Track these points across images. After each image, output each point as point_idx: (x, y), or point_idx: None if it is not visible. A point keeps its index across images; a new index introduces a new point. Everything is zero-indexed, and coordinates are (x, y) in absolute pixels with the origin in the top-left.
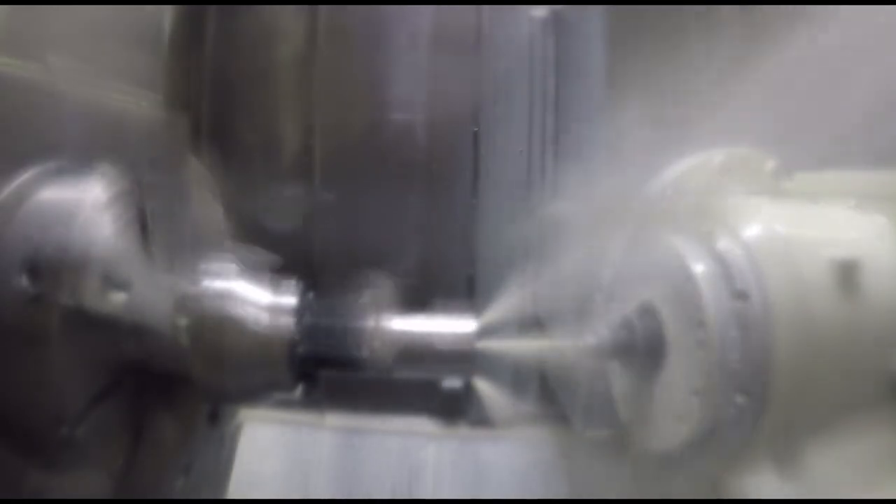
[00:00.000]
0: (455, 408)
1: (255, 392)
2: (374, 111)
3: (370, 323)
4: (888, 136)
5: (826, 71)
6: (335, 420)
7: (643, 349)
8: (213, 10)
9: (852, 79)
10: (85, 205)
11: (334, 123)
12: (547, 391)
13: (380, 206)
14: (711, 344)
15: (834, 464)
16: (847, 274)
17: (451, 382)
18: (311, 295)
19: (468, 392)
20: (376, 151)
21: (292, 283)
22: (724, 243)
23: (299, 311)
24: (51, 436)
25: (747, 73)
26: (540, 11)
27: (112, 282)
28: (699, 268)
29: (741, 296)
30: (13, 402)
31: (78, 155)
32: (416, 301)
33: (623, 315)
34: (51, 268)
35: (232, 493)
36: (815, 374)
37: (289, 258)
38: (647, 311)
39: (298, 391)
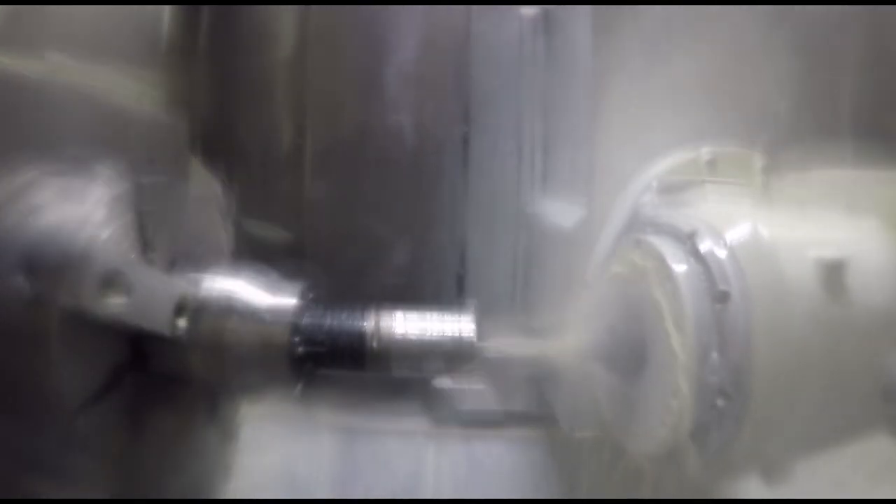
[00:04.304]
0: (446, 407)
1: (255, 391)
2: (365, 111)
3: (370, 323)
4: None
5: None
6: (333, 419)
7: (625, 350)
8: (207, 10)
9: None
10: (85, 205)
11: (325, 123)
12: (539, 391)
13: (371, 206)
14: (691, 346)
15: (821, 467)
16: (833, 274)
17: (442, 381)
18: (311, 295)
19: (460, 391)
20: (367, 151)
21: (292, 284)
22: (707, 244)
23: (299, 312)
24: (49, 436)
25: None
26: (530, 10)
27: (112, 282)
28: (681, 269)
29: (722, 297)
30: (11, 401)
31: (78, 155)
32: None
33: (605, 315)
34: (50, 268)
35: (232, 493)
36: (798, 376)
37: (281, 256)
38: (630, 312)
39: (298, 390)
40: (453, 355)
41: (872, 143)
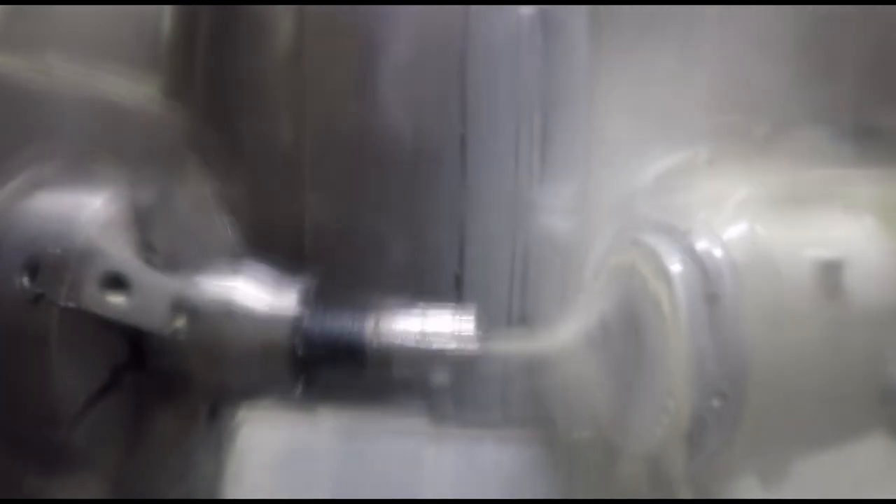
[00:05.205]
0: (443, 406)
1: (255, 391)
2: (362, 110)
3: (370, 323)
4: None
5: None
6: (332, 419)
7: (621, 350)
8: (206, 10)
9: None
10: (85, 205)
11: (323, 123)
12: (534, 391)
13: (369, 206)
14: (686, 345)
15: (818, 469)
16: (829, 274)
17: (439, 381)
18: (311, 294)
19: (456, 391)
20: (365, 151)
21: (292, 283)
22: (703, 243)
23: (299, 311)
24: (49, 436)
25: None
26: (527, 10)
27: (112, 282)
28: (675, 268)
29: (716, 297)
30: (11, 402)
31: (78, 155)
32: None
33: (602, 314)
34: (50, 268)
35: (230, 493)
36: (795, 376)
37: (278, 256)
38: (626, 311)
39: (298, 390)
40: (454, 354)
41: (872, 142)
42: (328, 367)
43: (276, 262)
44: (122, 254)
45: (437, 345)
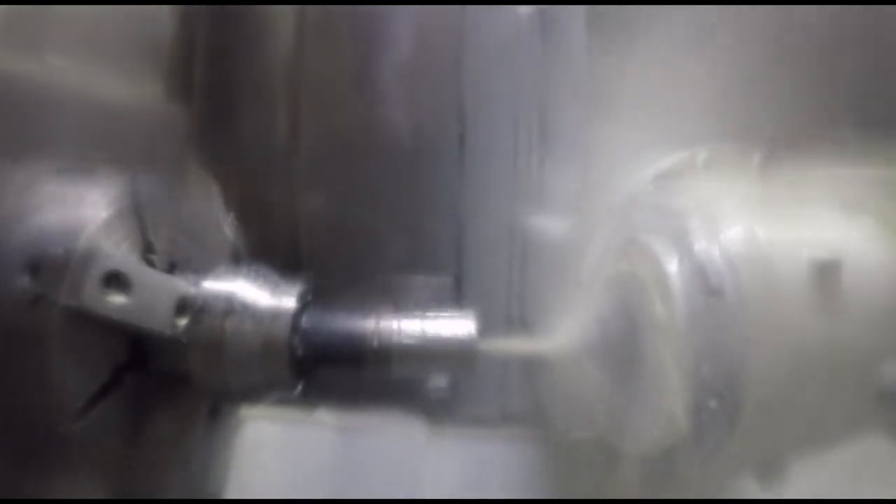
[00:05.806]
0: (441, 407)
1: (256, 391)
2: (361, 110)
3: (370, 322)
4: None
5: None
6: (332, 418)
7: (618, 350)
8: (206, 10)
9: None
10: (86, 205)
11: (321, 122)
12: (532, 391)
13: (366, 205)
14: (683, 346)
15: (816, 469)
16: (827, 275)
17: (437, 382)
18: (310, 295)
19: (454, 391)
20: (363, 150)
21: (292, 283)
22: (701, 244)
23: (299, 311)
24: (49, 435)
25: None
26: (526, 10)
27: (112, 282)
28: (673, 267)
29: (713, 297)
30: (11, 401)
31: (79, 155)
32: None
33: (600, 315)
34: (52, 268)
35: (231, 493)
36: (792, 377)
37: (277, 255)
38: (623, 312)
39: (298, 390)
40: (454, 355)
41: (873, 141)
42: (328, 367)
43: (275, 262)
44: (123, 254)
45: (436, 345)
